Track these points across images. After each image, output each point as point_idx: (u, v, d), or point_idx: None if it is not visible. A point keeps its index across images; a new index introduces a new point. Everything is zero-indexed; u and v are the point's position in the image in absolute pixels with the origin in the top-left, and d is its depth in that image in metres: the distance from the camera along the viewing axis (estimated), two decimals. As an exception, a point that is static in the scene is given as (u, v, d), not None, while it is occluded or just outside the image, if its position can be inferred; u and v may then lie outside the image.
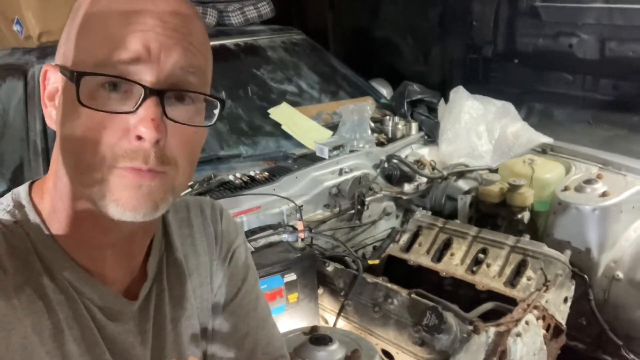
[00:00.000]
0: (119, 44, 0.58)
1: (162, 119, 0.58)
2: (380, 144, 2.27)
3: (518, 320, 1.39)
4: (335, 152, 2.08)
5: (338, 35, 3.62)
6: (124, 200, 0.58)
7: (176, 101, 0.61)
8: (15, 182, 1.83)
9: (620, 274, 1.75)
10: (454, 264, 1.67)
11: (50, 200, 0.65)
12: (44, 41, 2.10)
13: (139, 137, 0.57)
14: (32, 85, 1.95)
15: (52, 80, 0.65)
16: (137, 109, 0.57)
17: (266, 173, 1.93)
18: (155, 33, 0.58)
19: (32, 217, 0.65)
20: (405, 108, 2.50)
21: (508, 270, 1.59)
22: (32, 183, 0.69)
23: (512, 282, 1.56)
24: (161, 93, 0.58)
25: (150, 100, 0.58)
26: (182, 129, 0.61)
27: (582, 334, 1.80)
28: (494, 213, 1.98)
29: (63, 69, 0.60)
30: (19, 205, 0.65)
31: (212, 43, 0.67)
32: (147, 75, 0.58)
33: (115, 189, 0.58)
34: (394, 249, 1.81)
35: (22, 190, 0.67)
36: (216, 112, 0.65)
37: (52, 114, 0.65)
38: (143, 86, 0.58)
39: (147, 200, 0.59)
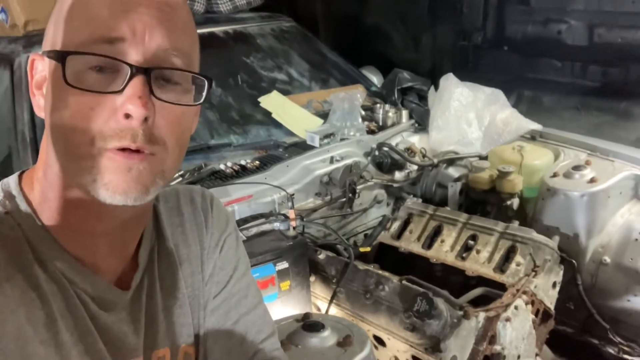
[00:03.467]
0: (103, 24, 0.58)
1: (150, 98, 0.59)
2: (370, 132, 2.27)
3: (507, 306, 1.40)
4: (326, 141, 2.09)
5: (328, 23, 3.60)
6: (114, 184, 0.58)
7: (163, 82, 0.61)
8: (3, 173, 1.79)
9: (607, 259, 1.78)
10: (444, 251, 1.69)
11: (40, 189, 0.65)
12: (30, 30, 2.07)
13: (127, 116, 0.58)
14: (18, 75, 1.92)
15: (39, 68, 0.65)
16: (124, 88, 0.58)
17: (257, 162, 1.93)
18: (138, 14, 0.59)
19: (23, 207, 0.64)
20: (396, 96, 2.50)
21: (497, 256, 1.60)
22: (21, 173, 0.69)
23: (502, 267, 1.58)
24: (148, 72, 0.59)
25: (137, 78, 0.58)
26: (169, 108, 0.61)
27: (570, 318, 1.83)
28: (484, 200, 1.99)
29: (49, 53, 0.61)
30: (9, 196, 0.65)
31: (200, 31, 0.66)
32: (132, 55, 0.58)
33: (105, 172, 0.58)
34: (385, 237, 1.82)
35: (11, 181, 0.67)
36: (204, 93, 0.65)
37: (40, 103, 0.65)
38: (129, 65, 0.58)
39: (137, 183, 0.59)
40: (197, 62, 0.67)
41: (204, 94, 0.65)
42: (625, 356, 1.75)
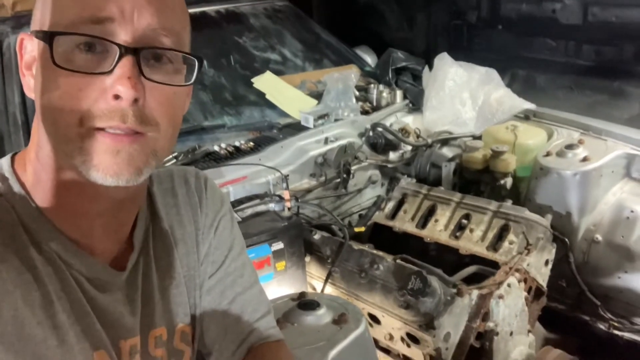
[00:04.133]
0: (91, 4, 0.57)
1: (139, 78, 0.58)
2: (365, 112, 2.26)
3: (500, 283, 1.42)
4: (320, 121, 2.08)
5: (321, 2, 3.56)
6: (104, 166, 0.58)
7: (153, 62, 0.60)
8: (-5, 156, 1.80)
9: (599, 237, 1.80)
10: (438, 230, 1.70)
11: (33, 171, 0.65)
12: (19, 10, 2.04)
13: (116, 97, 0.57)
14: (8, 57, 1.90)
15: (29, 48, 0.64)
16: (113, 68, 0.57)
17: (251, 143, 1.93)
18: None
19: (17, 189, 0.64)
20: (390, 76, 2.49)
21: (491, 235, 1.62)
22: (14, 155, 0.68)
23: (495, 246, 1.59)
24: (137, 52, 0.58)
25: (126, 59, 0.57)
26: (160, 89, 0.60)
27: (562, 295, 1.85)
28: (478, 179, 2.00)
29: (37, 33, 0.60)
30: (2, 178, 0.65)
31: (192, 10, 0.66)
32: (121, 35, 0.58)
33: (94, 153, 0.58)
34: (379, 217, 1.83)
35: (4, 163, 0.67)
36: (195, 73, 0.64)
37: (30, 83, 0.64)
38: (118, 45, 0.57)
39: (129, 165, 0.59)
40: (188, 42, 0.66)
41: (195, 74, 0.64)
42: (616, 332, 1.78)
